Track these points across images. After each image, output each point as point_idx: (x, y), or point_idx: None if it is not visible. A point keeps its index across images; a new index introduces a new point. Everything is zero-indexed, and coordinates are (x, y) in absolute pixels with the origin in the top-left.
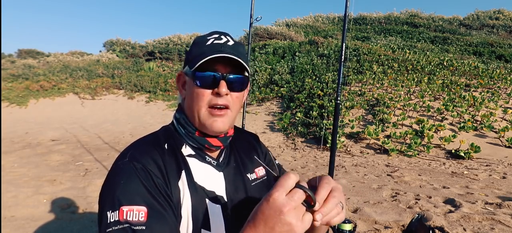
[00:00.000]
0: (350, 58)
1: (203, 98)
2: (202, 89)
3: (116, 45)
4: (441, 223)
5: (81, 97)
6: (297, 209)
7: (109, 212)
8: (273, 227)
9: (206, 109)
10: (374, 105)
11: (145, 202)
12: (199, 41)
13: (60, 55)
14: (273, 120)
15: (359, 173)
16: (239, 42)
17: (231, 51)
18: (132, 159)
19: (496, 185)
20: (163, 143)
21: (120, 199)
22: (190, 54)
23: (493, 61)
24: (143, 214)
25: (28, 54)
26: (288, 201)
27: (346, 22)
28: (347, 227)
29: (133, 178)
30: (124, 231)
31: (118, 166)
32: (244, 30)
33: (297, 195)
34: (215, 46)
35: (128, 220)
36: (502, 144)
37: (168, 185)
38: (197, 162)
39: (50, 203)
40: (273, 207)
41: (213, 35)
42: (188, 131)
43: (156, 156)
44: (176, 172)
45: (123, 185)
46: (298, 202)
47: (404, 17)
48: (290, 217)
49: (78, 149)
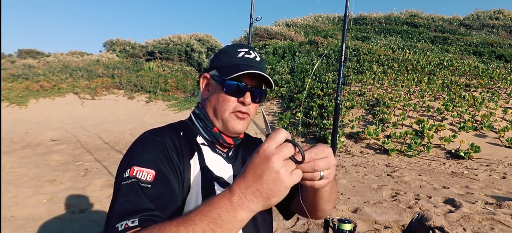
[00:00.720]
0: (350, 58)
1: (228, 104)
2: (229, 96)
3: (116, 45)
4: (441, 223)
5: (81, 97)
6: (286, 162)
7: (123, 172)
8: (261, 174)
9: (230, 113)
10: (374, 105)
11: (155, 166)
12: (230, 51)
13: (60, 55)
14: (273, 120)
15: (359, 173)
16: (262, 58)
17: (259, 67)
18: (152, 134)
19: (496, 185)
20: (180, 131)
21: (134, 161)
22: (219, 61)
23: (493, 61)
24: (151, 176)
25: (28, 54)
26: (277, 151)
27: (346, 22)
28: (347, 227)
29: (149, 147)
30: (132, 185)
31: (139, 138)
32: (244, 30)
33: (286, 148)
34: (246, 60)
35: (137, 177)
36: (502, 144)
37: (181, 160)
38: (209, 150)
39: (50, 203)
40: (262, 156)
41: (243, 48)
42: (206, 125)
43: (173, 137)
44: (189, 152)
45: (139, 152)
46: (287, 154)
47: (404, 17)
48: (278, 165)
49: (78, 149)
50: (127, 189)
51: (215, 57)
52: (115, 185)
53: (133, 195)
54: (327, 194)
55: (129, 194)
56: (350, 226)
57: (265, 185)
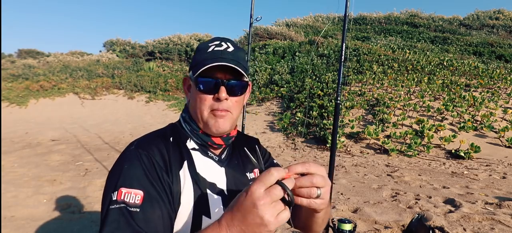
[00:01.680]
0: (350, 58)
1: (205, 103)
2: (204, 94)
3: (116, 45)
4: (441, 223)
5: (81, 97)
6: (273, 205)
7: (111, 193)
8: (246, 216)
9: (208, 112)
10: (374, 105)
11: (143, 187)
12: (201, 48)
13: (60, 55)
14: (273, 120)
15: (359, 173)
16: (239, 48)
17: (230, 57)
18: (138, 147)
19: (496, 185)
20: (169, 136)
21: (121, 182)
22: (194, 60)
23: (493, 61)
24: (139, 197)
25: (28, 54)
26: (264, 196)
27: (346, 22)
28: (347, 227)
29: (135, 164)
30: (120, 210)
31: (125, 153)
32: (244, 30)
33: (274, 192)
34: (215, 53)
35: (125, 201)
36: (502, 144)
37: (169, 173)
38: (200, 156)
39: (50, 203)
40: (249, 199)
41: (214, 42)
42: (193, 128)
43: (160, 146)
44: (178, 162)
45: (125, 170)
46: (275, 198)
47: (404, 17)
48: (262, 211)
49: (78, 149)
50: (116, 215)
51: (192, 57)
52: (103, 206)
53: (122, 221)
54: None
55: (118, 220)
56: (350, 226)
57: (250, 228)
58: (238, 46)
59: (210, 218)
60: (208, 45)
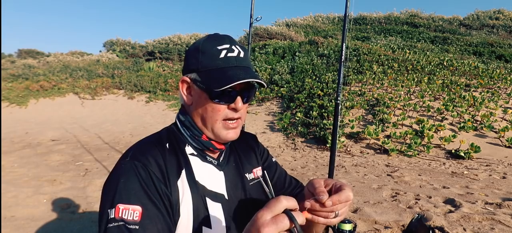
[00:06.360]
0: (350, 58)
1: (219, 113)
2: (218, 104)
3: (116, 45)
4: (441, 223)
5: (81, 97)
6: None
7: (108, 209)
8: None
9: (221, 121)
10: (374, 105)
11: (141, 202)
12: (209, 50)
13: (60, 55)
14: (273, 120)
15: (359, 173)
16: (245, 48)
17: (245, 64)
18: (133, 158)
19: (496, 185)
20: (165, 142)
21: (118, 197)
22: (199, 62)
23: (493, 61)
24: (138, 214)
25: (28, 54)
26: (269, 223)
27: (346, 22)
28: (347, 227)
29: (132, 178)
30: (119, 229)
31: (120, 165)
32: (244, 30)
33: (281, 220)
34: (230, 60)
35: (123, 218)
36: (502, 144)
37: (167, 184)
38: (199, 161)
39: (50, 203)
40: (255, 225)
41: (223, 44)
42: (194, 134)
43: (157, 156)
44: (176, 171)
45: (122, 184)
46: (281, 228)
47: (404, 17)
48: None
49: (78, 149)
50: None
51: (191, 56)
52: (100, 223)
53: None
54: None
55: None
56: (350, 226)
57: None
58: (243, 46)
59: (210, 228)
60: (218, 48)
